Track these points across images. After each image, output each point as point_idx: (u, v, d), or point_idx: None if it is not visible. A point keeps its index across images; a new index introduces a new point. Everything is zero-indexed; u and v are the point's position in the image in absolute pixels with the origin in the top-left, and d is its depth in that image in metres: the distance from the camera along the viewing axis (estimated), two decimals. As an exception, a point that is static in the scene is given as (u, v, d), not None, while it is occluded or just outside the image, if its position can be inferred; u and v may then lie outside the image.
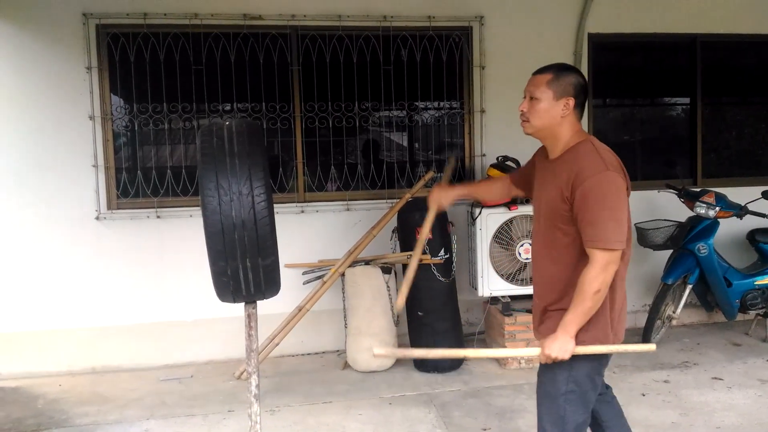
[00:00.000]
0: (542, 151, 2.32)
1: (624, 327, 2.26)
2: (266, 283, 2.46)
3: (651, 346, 2.32)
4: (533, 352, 2.14)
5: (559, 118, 2.14)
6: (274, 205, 2.44)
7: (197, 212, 4.41)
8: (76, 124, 4.50)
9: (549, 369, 2.17)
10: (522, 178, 2.50)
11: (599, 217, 1.98)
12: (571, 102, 2.13)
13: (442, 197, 2.56)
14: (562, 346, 2.04)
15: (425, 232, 2.54)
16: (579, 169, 2.03)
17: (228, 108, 4.81)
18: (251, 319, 2.45)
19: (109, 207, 4.60)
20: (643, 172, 5.64)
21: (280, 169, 4.82)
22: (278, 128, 4.78)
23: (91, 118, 4.51)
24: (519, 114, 2.23)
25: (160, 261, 4.65)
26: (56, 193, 4.50)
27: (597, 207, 1.98)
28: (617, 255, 2.01)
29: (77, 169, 4.52)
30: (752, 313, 4.87)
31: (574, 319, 2.02)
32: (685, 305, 4.78)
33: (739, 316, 4.90)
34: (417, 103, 5.10)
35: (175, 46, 4.61)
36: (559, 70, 2.17)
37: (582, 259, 2.06)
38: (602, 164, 2.02)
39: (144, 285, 4.64)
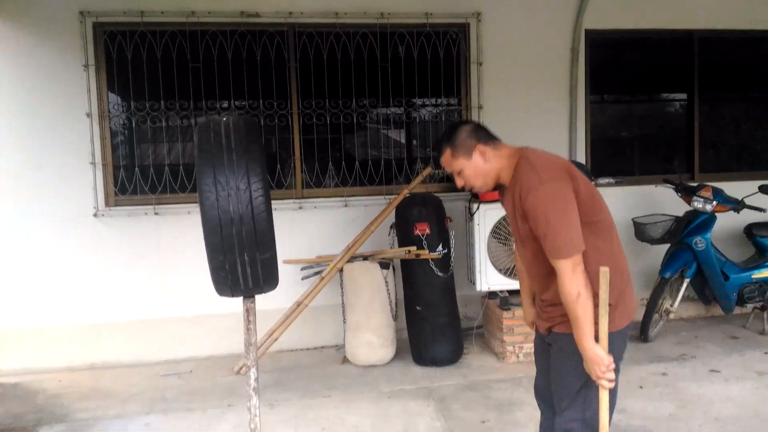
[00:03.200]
0: (502, 190, 2.39)
1: (630, 292, 2.30)
2: (264, 277, 2.47)
3: None
4: None
5: (486, 165, 2.22)
6: (272, 202, 2.45)
7: (195, 209, 4.41)
8: (74, 122, 4.52)
9: (568, 360, 2.19)
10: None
11: (547, 231, 2.04)
12: (481, 147, 2.21)
13: (530, 318, 2.59)
14: (594, 363, 2.06)
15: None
16: (519, 190, 2.11)
17: (225, 105, 4.82)
18: (249, 313, 2.46)
19: (107, 204, 4.62)
20: (640, 167, 5.66)
21: (278, 165, 4.83)
22: (276, 125, 4.79)
23: (89, 115, 4.52)
24: (464, 189, 2.33)
25: (158, 257, 4.67)
26: (54, 190, 4.52)
27: (542, 221, 2.04)
28: (577, 258, 2.04)
29: (75, 167, 4.53)
30: (749, 307, 4.89)
31: (582, 333, 2.05)
32: (683, 299, 4.80)
33: (737, 310, 4.92)
34: (414, 100, 5.11)
35: (173, 43, 4.62)
36: (449, 139, 2.24)
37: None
38: (536, 179, 2.06)
39: (143, 281, 4.66)
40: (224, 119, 2.46)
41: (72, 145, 4.52)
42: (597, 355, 2.04)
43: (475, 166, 2.21)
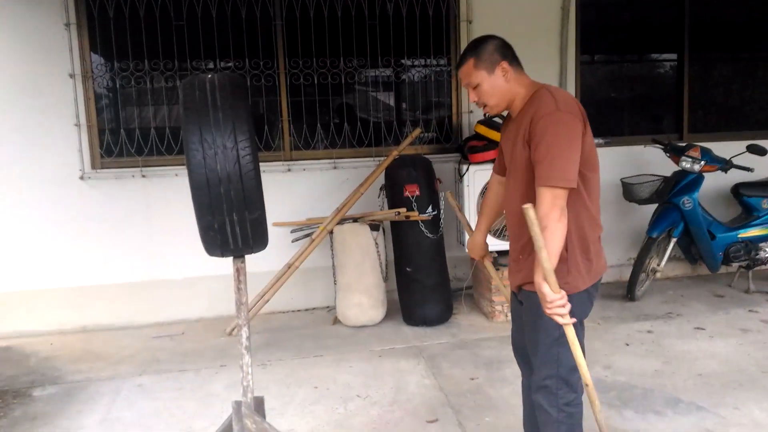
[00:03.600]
0: (506, 121, 2.36)
1: (603, 254, 2.28)
2: (254, 237, 2.46)
3: None
4: None
5: (505, 85, 2.19)
6: (261, 164, 2.42)
7: (182, 171, 4.38)
8: (57, 83, 4.42)
9: (538, 318, 2.21)
10: (502, 164, 2.48)
11: (546, 156, 2.01)
12: (505, 64, 2.18)
13: (480, 250, 2.61)
14: (542, 299, 2.01)
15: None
16: (534, 111, 2.08)
17: (211, 66, 4.74)
18: (240, 273, 2.46)
19: (93, 166, 4.56)
20: (630, 128, 5.65)
21: (266, 127, 4.78)
22: (263, 86, 4.72)
23: (72, 76, 4.43)
24: (477, 105, 2.28)
25: (147, 220, 4.64)
26: (39, 153, 4.45)
27: (544, 145, 2.02)
28: (562, 193, 2.01)
29: (59, 129, 4.46)
30: (735, 266, 4.96)
31: (536, 268, 2.00)
32: (670, 258, 4.85)
33: (723, 269, 4.99)
34: (403, 61, 5.05)
35: (155, 1, 4.51)
36: (474, 49, 2.20)
37: None
38: (554, 105, 2.05)
39: (132, 244, 4.64)
40: (209, 76, 2.41)
41: (56, 106, 4.44)
42: (541, 291, 2.00)
43: (495, 82, 2.18)
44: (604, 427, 2.26)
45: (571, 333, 2.04)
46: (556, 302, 1.99)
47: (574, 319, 2.03)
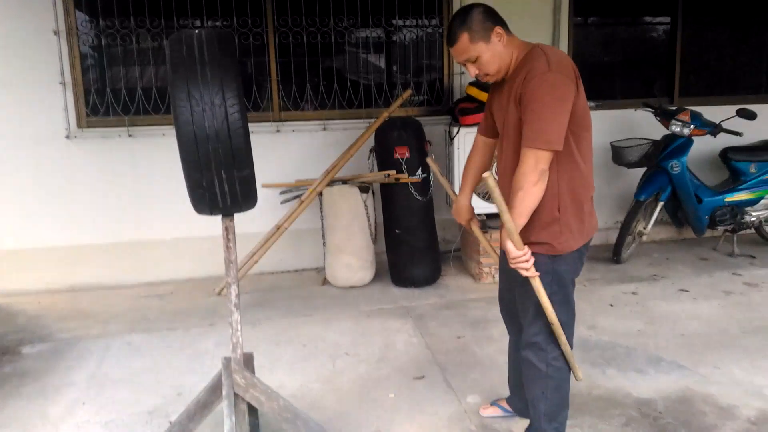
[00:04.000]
0: (493, 85, 2.33)
1: (594, 214, 2.32)
2: (243, 195, 2.45)
3: None
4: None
5: (504, 50, 2.15)
6: (249, 125, 2.39)
7: (170, 131, 4.34)
8: (41, 40, 4.34)
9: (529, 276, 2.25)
10: (489, 125, 2.46)
11: (533, 116, 2.01)
12: (499, 29, 2.13)
13: (466, 213, 2.57)
14: (510, 254, 2.07)
15: (486, 246, 2.63)
16: (525, 73, 2.06)
17: (198, 24, 4.65)
18: (229, 231, 2.45)
19: (79, 125, 4.51)
20: (621, 91, 5.63)
21: (254, 87, 4.72)
22: (251, 45, 4.65)
23: (56, 33, 4.34)
24: (476, 77, 2.22)
25: (134, 180, 4.61)
26: (24, 111, 4.39)
27: (532, 106, 2.01)
28: (545, 155, 2.01)
29: (44, 87, 4.39)
30: (720, 229, 5.02)
31: (505, 221, 2.02)
32: (656, 222, 4.89)
33: (708, 233, 5.05)
34: (394, 21, 4.97)
35: (141, -45, 4.40)
36: (464, 22, 2.11)
37: (555, 166, 2.09)
38: (546, 66, 2.03)
39: (120, 204, 4.62)
40: (197, 32, 2.36)
41: (40, 64, 4.36)
42: (505, 248, 2.08)
43: (494, 50, 2.13)
44: (570, 355, 2.33)
45: (536, 283, 2.14)
46: (519, 258, 2.07)
47: (537, 273, 2.11)
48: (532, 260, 2.09)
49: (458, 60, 2.19)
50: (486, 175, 1.91)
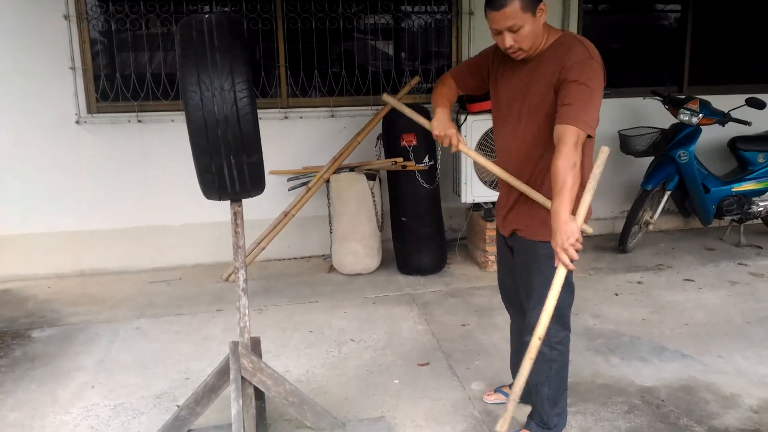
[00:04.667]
0: (500, 61, 2.28)
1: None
2: (251, 180, 2.47)
3: None
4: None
5: (541, 28, 2.13)
6: (258, 110, 2.41)
7: (179, 117, 4.36)
8: (51, 25, 4.34)
9: (534, 261, 2.26)
10: (471, 77, 2.43)
11: (581, 100, 2.01)
12: (543, 5, 2.09)
13: (449, 123, 2.38)
14: (563, 233, 1.95)
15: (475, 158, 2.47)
16: (568, 57, 2.07)
17: (207, 9, 4.65)
18: (237, 217, 2.47)
19: (89, 111, 4.52)
20: (630, 79, 5.59)
21: (263, 73, 4.72)
22: (260, 30, 4.64)
23: (66, 17, 4.35)
24: (507, 50, 2.13)
25: (144, 166, 4.63)
26: (34, 96, 4.40)
27: (580, 91, 2.02)
28: (584, 137, 2.02)
29: (54, 72, 4.40)
30: (727, 219, 5.00)
31: (562, 201, 1.96)
32: (663, 211, 4.89)
33: (715, 223, 5.04)
34: (403, 7, 4.95)
35: (150, -60, 4.40)
36: None
37: None
38: (586, 53, 2.08)
39: (129, 189, 4.64)
40: (207, 17, 2.37)
41: (50, 49, 4.36)
42: (570, 227, 1.95)
43: (536, 25, 2.09)
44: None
45: (562, 273, 2.01)
46: (577, 242, 1.96)
47: (575, 258, 1.99)
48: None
49: (499, 25, 2.07)
50: (605, 148, 2.08)
